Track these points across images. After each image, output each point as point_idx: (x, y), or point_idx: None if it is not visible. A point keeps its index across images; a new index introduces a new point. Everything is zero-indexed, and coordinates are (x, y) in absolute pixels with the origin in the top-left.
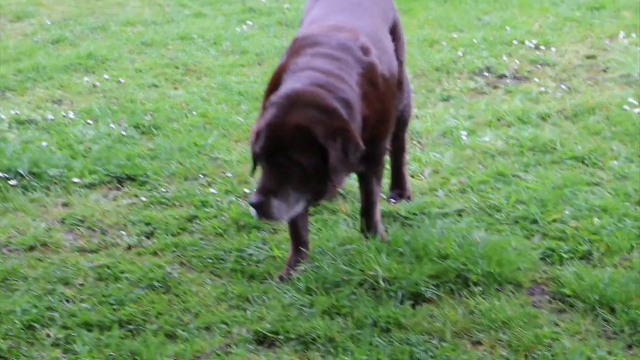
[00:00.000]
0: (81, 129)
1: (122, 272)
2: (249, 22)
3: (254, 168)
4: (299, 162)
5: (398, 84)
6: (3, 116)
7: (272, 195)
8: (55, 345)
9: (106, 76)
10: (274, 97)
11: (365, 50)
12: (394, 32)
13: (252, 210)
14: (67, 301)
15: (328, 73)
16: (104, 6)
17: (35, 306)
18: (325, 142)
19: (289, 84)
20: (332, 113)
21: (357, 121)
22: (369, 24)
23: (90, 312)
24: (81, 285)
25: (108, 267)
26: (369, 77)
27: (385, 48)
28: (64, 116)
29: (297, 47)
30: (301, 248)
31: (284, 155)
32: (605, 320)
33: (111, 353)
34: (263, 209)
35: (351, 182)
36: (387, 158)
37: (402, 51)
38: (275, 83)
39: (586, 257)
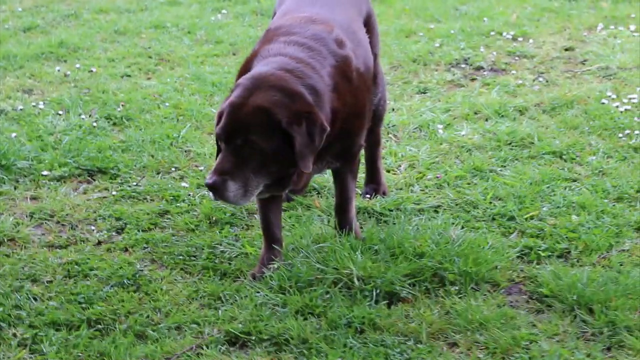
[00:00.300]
0: (51, 120)
1: (91, 269)
2: (223, 11)
3: (218, 151)
4: (258, 145)
5: (373, 77)
6: None
7: (228, 177)
8: (22, 345)
9: (78, 65)
10: (241, 79)
11: (340, 43)
12: (368, 24)
13: (210, 193)
14: (35, 299)
15: (299, 60)
16: None
17: (2, 304)
18: (288, 126)
19: (257, 68)
20: (296, 96)
21: (325, 111)
22: (343, 17)
23: (58, 311)
24: (49, 282)
25: (77, 264)
26: (342, 70)
27: (360, 41)
28: (34, 106)
29: (270, 36)
30: (274, 245)
31: (242, 136)
32: (584, 321)
33: (79, 354)
34: (218, 191)
35: (326, 177)
36: (362, 152)
37: (377, 44)
38: (245, 69)
39: (564, 255)
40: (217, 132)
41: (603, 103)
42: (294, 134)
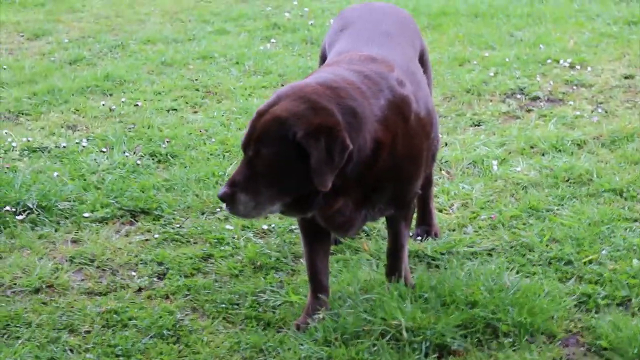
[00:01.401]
0: (95, 158)
1: (130, 319)
2: (272, 40)
3: None
4: (268, 157)
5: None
6: (14, 144)
7: (238, 189)
8: None
9: (123, 99)
10: (280, 89)
11: (401, 83)
12: (422, 61)
13: (224, 205)
14: (72, 351)
15: (349, 82)
16: (124, 23)
17: (37, 357)
18: (303, 140)
19: (299, 82)
20: (322, 111)
21: (362, 137)
22: (402, 57)
23: None
24: (87, 332)
25: (116, 313)
26: (399, 107)
27: (419, 83)
28: (77, 143)
29: (325, 65)
30: (320, 295)
31: (254, 147)
32: None
33: None
34: (228, 203)
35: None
36: None
37: (430, 82)
38: None
39: (624, 303)
40: (241, 140)
41: None
42: (310, 149)
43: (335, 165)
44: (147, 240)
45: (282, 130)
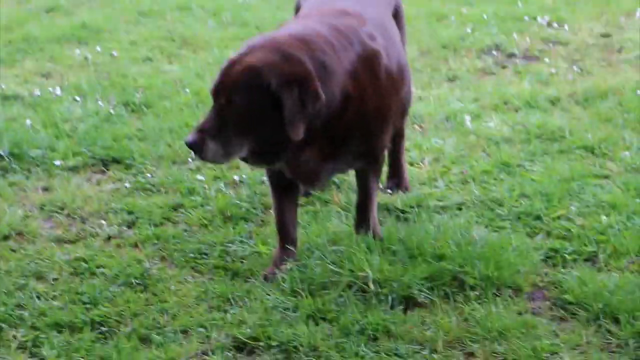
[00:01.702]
0: (68, 106)
1: (98, 267)
2: None
3: None
4: (242, 105)
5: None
6: None
7: (208, 136)
8: (22, 348)
9: (99, 48)
10: (250, 39)
11: (372, 38)
12: (396, 17)
13: (191, 152)
14: (39, 298)
15: (320, 35)
16: None
17: (4, 303)
18: (278, 89)
19: (272, 32)
20: (294, 61)
21: (331, 90)
22: (375, 11)
23: (62, 312)
24: (55, 280)
25: (84, 261)
26: (369, 62)
27: (392, 38)
28: (51, 92)
29: (298, 17)
30: (288, 246)
31: (227, 95)
32: (609, 331)
33: (80, 358)
34: (196, 149)
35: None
36: None
37: (404, 37)
38: None
39: (592, 259)
40: (209, 88)
41: (639, 95)
42: (284, 98)
43: (307, 115)
44: (117, 189)
45: (256, 79)
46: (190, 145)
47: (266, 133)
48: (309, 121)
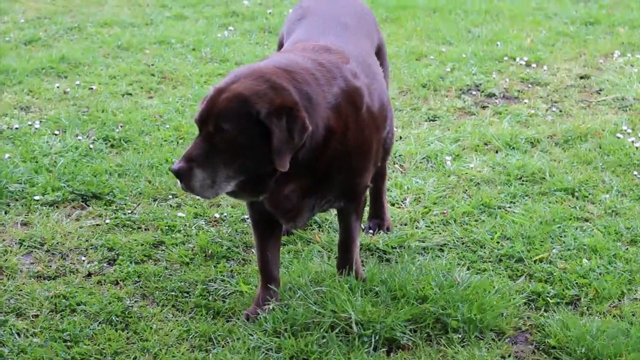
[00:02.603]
0: (47, 140)
1: (79, 304)
2: (230, 28)
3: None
4: (231, 134)
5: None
6: None
7: (196, 165)
8: None
9: (78, 82)
10: (235, 68)
11: (355, 75)
12: (379, 55)
13: (177, 182)
14: (19, 334)
15: (303, 68)
16: (82, 4)
17: None
18: (267, 118)
19: (256, 64)
20: (282, 91)
21: (315, 123)
22: (358, 48)
23: (42, 349)
24: (35, 316)
25: (65, 297)
26: (351, 97)
27: (375, 75)
28: (30, 125)
29: (284, 50)
30: (270, 285)
31: (215, 123)
32: None
33: None
34: (184, 179)
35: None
36: None
37: (387, 76)
38: None
39: (574, 302)
40: (195, 117)
41: (618, 137)
42: (273, 128)
43: (294, 145)
44: (98, 225)
45: (244, 107)
46: (177, 173)
47: (253, 163)
48: (293, 153)
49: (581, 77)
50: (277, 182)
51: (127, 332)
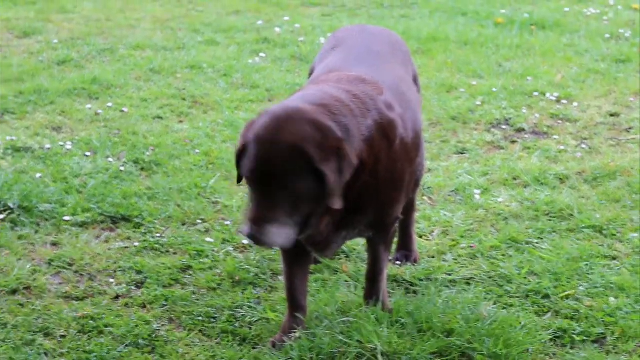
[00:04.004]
0: (78, 161)
1: (106, 326)
2: (262, 54)
3: (240, 179)
4: (294, 187)
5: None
6: None
7: (267, 223)
8: None
9: (110, 104)
10: (269, 108)
11: (389, 107)
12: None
13: (247, 239)
14: (46, 354)
15: (338, 99)
16: (114, 27)
17: (11, 359)
18: (321, 164)
19: (290, 98)
20: (326, 131)
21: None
22: (392, 77)
23: None
24: (62, 337)
25: (92, 319)
26: (384, 130)
27: (409, 103)
28: (61, 145)
29: (315, 80)
30: (297, 314)
31: (277, 179)
32: None
33: None
34: (260, 239)
35: (356, 241)
36: None
37: (419, 106)
38: None
39: (600, 340)
40: (246, 174)
41: None
42: (327, 171)
43: (344, 181)
44: (126, 247)
45: (300, 159)
46: (252, 238)
47: (311, 206)
48: None
49: (611, 115)
50: (317, 218)
51: (154, 356)
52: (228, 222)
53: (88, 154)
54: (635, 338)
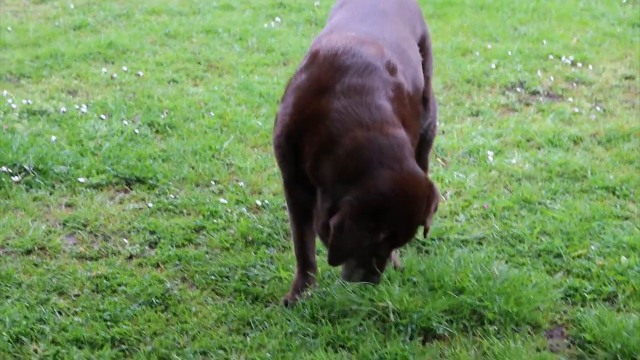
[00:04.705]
0: (93, 124)
1: (120, 285)
2: (277, 19)
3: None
4: None
5: (424, 101)
6: (14, 105)
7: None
8: None
9: (125, 68)
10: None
11: (392, 70)
12: (423, 46)
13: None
14: (60, 313)
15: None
16: None
17: (26, 317)
18: None
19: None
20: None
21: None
22: (393, 34)
23: (83, 328)
24: (76, 296)
25: (106, 278)
26: (398, 97)
27: (409, 61)
28: (77, 109)
29: (321, 72)
30: (308, 271)
31: None
32: None
33: None
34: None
35: None
36: None
37: (430, 67)
38: (294, 97)
39: (611, 298)
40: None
41: None
42: None
43: None
44: (140, 208)
45: None
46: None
47: None
48: None
49: (626, 78)
50: None
51: (167, 314)
52: (242, 184)
53: (103, 117)
54: None
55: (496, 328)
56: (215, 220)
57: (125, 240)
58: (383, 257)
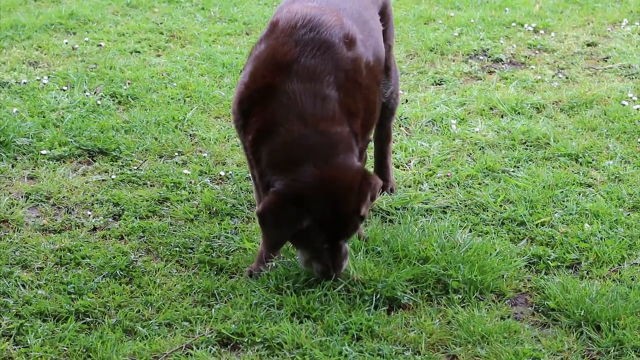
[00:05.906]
0: (55, 96)
1: (84, 257)
2: None
3: None
4: None
5: (385, 69)
6: None
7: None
8: (6, 335)
9: (87, 39)
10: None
11: (350, 43)
12: (384, 14)
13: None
14: (24, 286)
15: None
16: None
17: None
18: None
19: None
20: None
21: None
22: (354, 4)
23: (47, 301)
24: (40, 269)
25: (70, 251)
26: (352, 75)
27: (371, 31)
28: (38, 80)
29: (278, 44)
30: None
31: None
32: (590, 339)
33: (65, 348)
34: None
35: None
36: (370, 146)
37: (392, 36)
38: (256, 70)
39: (574, 266)
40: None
41: (623, 104)
42: None
43: None
44: (103, 180)
45: None
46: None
47: None
48: None
49: (588, 45)
50: None
51: (131, 286)
52: (205, 154)
53: (65, 88)
54: (609, 263)
55: (460, 296)
56: (179, 192)
57: (89, 213)
58: (333, 251)
